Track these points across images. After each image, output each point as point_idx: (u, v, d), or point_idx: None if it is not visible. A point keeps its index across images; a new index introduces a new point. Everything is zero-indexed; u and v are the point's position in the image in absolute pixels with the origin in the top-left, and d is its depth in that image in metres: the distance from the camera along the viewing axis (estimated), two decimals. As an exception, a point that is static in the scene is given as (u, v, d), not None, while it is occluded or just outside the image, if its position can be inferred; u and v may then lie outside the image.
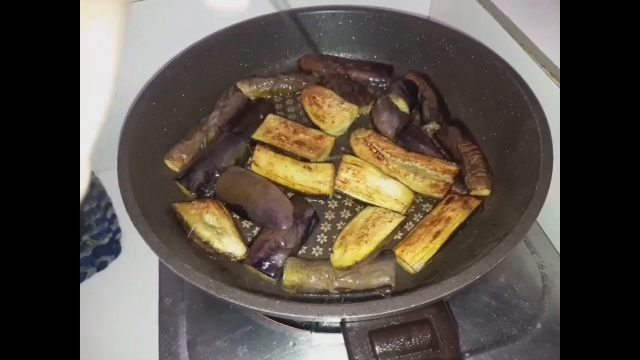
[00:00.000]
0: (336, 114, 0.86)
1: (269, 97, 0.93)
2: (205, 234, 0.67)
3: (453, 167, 0.75)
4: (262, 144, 0.80)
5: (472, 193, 0.75)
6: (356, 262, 0.63)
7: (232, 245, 0.67)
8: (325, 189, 0.75)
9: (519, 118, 0.77)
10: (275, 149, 0.80)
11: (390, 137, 0.82)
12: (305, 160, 0.79)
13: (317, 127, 0.85)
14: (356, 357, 0.51)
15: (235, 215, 0.74)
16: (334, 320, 0.52)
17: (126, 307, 0.86)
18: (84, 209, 1.02)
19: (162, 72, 0.84)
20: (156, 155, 0.79)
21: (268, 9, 0.95)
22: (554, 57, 0.77)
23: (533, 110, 0.75)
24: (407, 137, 0.83)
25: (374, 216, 0.71)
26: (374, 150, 0.79)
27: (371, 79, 0.94)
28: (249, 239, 0.72)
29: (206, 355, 0.68)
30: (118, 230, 0.99)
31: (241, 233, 0.70)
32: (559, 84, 0.75)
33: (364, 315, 0.50)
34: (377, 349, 0.51)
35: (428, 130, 0.86)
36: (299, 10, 0.96)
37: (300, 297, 0.63)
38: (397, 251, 0.67)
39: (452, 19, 1.01)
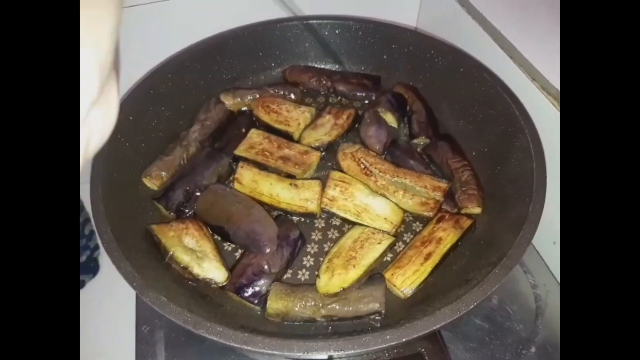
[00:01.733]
0: (298, 116, 0.84)
1: (251, 109, 0.90)
2: (184, 258, 0.63)
3: (443, 184, 0.73)
4: (245, 160, 0.77)
5: (463, 211, 0.72)
6: (343, 289, 0.60)
7: (212, 271, 0.63)
8: (313, 207, 0.72)
9: (509, 133, 0.75)
10: (259, 165, 0.77)
11: (378, 152, 0.80)
12: (290, 176, 0.76)
13: (284, 134, 0.82)
14: (344, 395, 0.48)
15: (216, 237, 0.70)
16: (321, 357, 0.48)
17: (103, 331, 0.82)
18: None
19: (140, 84, 0.80)
20: (133, 173, 0.74)
21: (254, 18, 0.92)
22: (545, 70, 0.75)
23: (525, 126, 0.73)
24: (396, 152, 0.80)
25: (362, 237, 0.68)
26: (362, 166, 0.77)
27: (358, 93, 0.91)
28: (232, 263, 0.69)
29: (185, 387, 0.65)
30: (96, 247, 0.94)
31: (222, 257, 0.66)
32: (550, 97, 0.74)
33: (353, 351, 0.47)
34: (367, 386, 0.48)
35: (417, 144, 0.84)
36: (284, 20, 0.93)
37: (285, 332, 0.59)
38: (387, 275, 0.64)
39: (440, 30, 0.99)
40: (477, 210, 0.72)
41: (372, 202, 0.72)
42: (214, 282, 0.63)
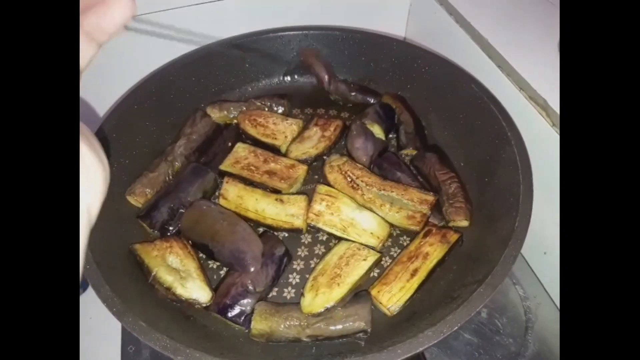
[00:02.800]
0: (285, 129, 0.83)
1: (236, 122, 0.89)
2: (167, 278, 0.62)
3: (430, 197, 0.72)
4: (231, 175, 0.76)
5: (451, 224, 0.72)
6: (327, 308, 0.60)
7: (196, 291, 0.62)
8: (299, 222, 0.71)
9: (497, 145, 0.75)
10: (244, 180, 0.76)
11: (365, 164, 0.79)
12: (276, 191, 0.75)
13: (271, 148, 0.81)
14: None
15: (201, 255, 0.69)
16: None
17: (91, 348, 0.80)
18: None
19: (123, 100, 0.79)
20: (116, 190, 0.73)
21: (241, 29, 0.92)
22: (533, 80, 0.75)
23: (512, 137, 0.72)
24: (384, 164, 0.79)
25: (348, 253, 0.67)
26: (349, 179, 0.76)
27: (359, 95, 0.91)
28: (217, 281, 0.68)
29: (171, 410, 0.64)
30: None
31: (206, 276, 0.65)
32: (537, 107, 0.73)
33: (334, 376, 0.47)
34: (349, 411, 0.48)
35: (405, 155, 0.83)
36: (270, 31, 0.92)
37: (269, 354, 0.58)
38: (374, 292, 0.64)
39: (428, 40, 0.99)
40: (464, 223, 0.71)
41: (358, 216, 0.71)
42: (198, 302, 0.62)
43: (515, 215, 0.63)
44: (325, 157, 0.81)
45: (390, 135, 0.87)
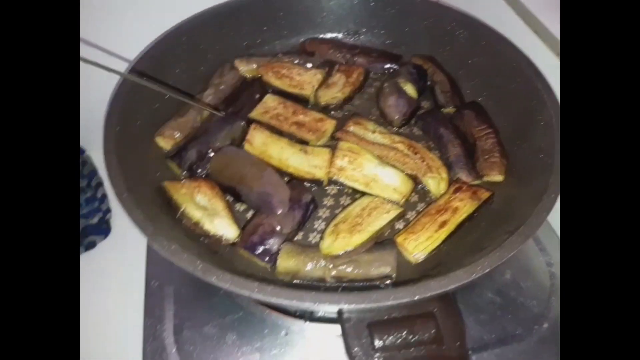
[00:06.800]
0: (311, 78, 0.84)
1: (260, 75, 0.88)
2: (195, 214, 0.63)
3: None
4: (259, 123, 0.76)
5: (485, 179, 0.71)
6: (346, 251, 0.59)
7: (224, 228, 0.62)
8: (320, 173, 0.71)
9: (532, 108, 0.73)
10: (272, 129, 0.76)
11: (397, 122, 0.78)
12: (303, 142, 0.75)
13: (299, 98, 0.82)
14: (353, 350, 0.47)
15: (228, 197, 0.70)
16: (331, 310, 0.47)
17: (112, 289, 0.81)
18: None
19: (155, 44, 0.79)
20: (146, 132, 0.74)
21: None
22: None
23: (547, 100, 0.71)
24: (428, 118, 0.79)
25: (371, 205, 0.67)
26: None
27: (378, 65, 0.89)
28: (243, 223, 0.68)
29: (193, 341, 0.64)
30: (108, 210, 0.94)
31: (234, 215, 0.65)
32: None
33: (364, 305, 0.46)
34: (377, 342, 0.47)
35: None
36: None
37: (295, 284, 0.59)
38: (399, 239, 0.63)
39: (462, 3, 0.97)
40: (498, 177, 0.70)
41: (381, 172, 0.71)
42: (225, 238, 0.62)
43: (549, 174, 0.62)
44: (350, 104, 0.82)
45: (421, 98, 0.86)
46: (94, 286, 0.81)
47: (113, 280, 0.82)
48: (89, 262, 0.85)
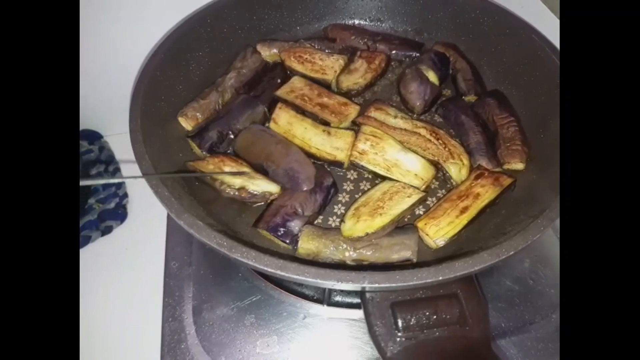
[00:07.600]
0: (333, 63, 0.84)
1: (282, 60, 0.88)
2: (235, 181, 0.65)
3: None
4: (285, 102, 0.76)
5: (505, 167, 0.70)
6: (367, 234, 0.59)
7: (265, 185, 0.66)
8: (342, 156, 0.71)
9: (556, 97, 0.72)
10: (296, 109, 0.76)
11: (418, 108, 0.78)
12: (325, 123, 0.75)
13: (321, 84, 0.81)
14: (376, 329, 0.47)
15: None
16: (355, 288, 0.48)
17: (129, 273, 0.83)
18: (91, 172, 0.98)
19: (180, 27, 0.79)
20: (169, 112, 0.74)
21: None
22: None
23: (572, 88, 0.70)
24: (450, 105, 0.78)
25: (392, 190, 0.67)
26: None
27: (399, 52, 0.89)
28: (264, 205, 0.68)
29: (212, 322, 0.65)
30: (125, 195, 0.96)
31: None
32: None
33: (387, 284, 0.46)
34: (400, 321, 0.48)
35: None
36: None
37: (319, 262, 0.59)
38: (420, 224, 0.63)
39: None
40: (519, 166, 0.69)
41: (403, 157, 0.70)
42: (270, 193, 0.65)
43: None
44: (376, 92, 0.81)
45: (444, 85, 0.85)
46: (111, 270, 0.83)
47: (130, 265, 0.84)
48: (105, 247, 0.86)
